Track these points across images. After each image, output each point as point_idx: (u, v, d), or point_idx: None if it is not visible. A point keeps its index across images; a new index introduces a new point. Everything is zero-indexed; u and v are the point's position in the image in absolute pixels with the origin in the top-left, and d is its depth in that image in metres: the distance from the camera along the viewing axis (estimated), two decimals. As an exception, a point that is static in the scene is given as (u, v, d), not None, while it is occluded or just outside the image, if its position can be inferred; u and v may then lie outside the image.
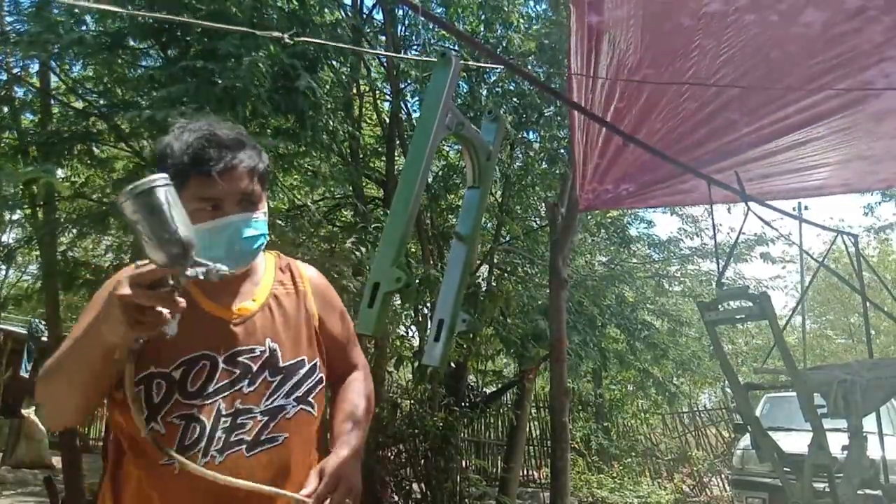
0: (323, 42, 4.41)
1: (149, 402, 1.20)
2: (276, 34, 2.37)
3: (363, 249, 4.66)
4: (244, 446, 1.23)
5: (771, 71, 2.42)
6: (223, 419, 1.23)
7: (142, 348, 1.13)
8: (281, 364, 1.31)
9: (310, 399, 1.34)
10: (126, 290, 0.99)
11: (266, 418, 1.27)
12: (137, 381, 1.17)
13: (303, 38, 3.15)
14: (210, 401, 1.23)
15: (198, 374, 1.23)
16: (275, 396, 1.29)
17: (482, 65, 5.18)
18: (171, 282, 1.01)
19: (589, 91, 2.61)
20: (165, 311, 1.01)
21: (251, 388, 1.27)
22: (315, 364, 1.36)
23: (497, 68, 6.30)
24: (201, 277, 1.03)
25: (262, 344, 1.30)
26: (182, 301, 1.02)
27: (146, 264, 1.02)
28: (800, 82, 2.44)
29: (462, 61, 1.16)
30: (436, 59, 1.11)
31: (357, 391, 1.48)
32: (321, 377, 1.37)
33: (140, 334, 1.03)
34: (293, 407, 1.30)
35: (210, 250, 1.20)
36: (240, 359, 1.27)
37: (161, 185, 0.99)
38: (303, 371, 1.34)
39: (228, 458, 1.21)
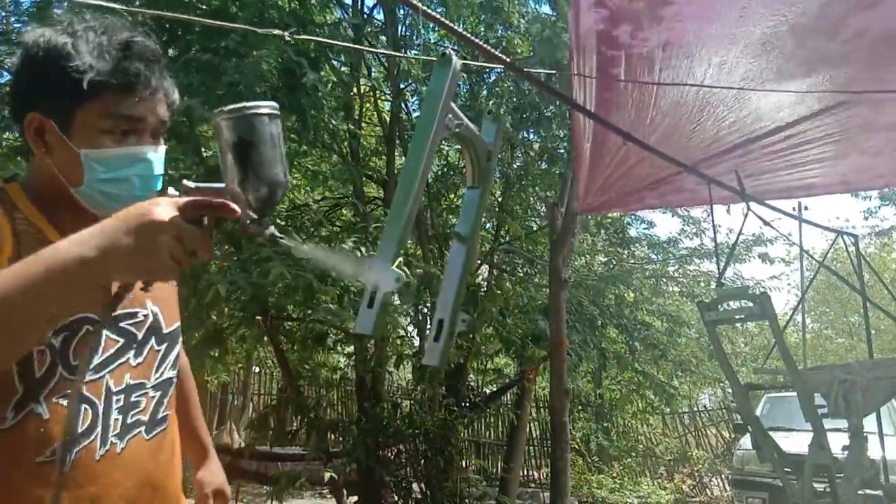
0: (323, 41, 4.41)
1: (28, 377, 0.94)
2: (276, 31, 2.37)
3: (363, 249, 4.65)
4: (143, 428, 1.04)
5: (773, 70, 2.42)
6: (115, 398, 1.02)
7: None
8: (164, 330, 1.11)
9: (177, 369, 1.16)
10: (169, 210, 0.78)
11: (158, 394, 1.09)
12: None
13: (303, 37, 3.15)
14: (97, 375, 1.00)
15: (80, 344, 0.98)
16: (163, 368, 1.10)
17: (483, 64, 5.18)
18: (262, 229, 0.85)
19: (589, 91, 2.61)
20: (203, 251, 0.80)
21: (139, 360, 1.07)
22: (178, 327, 1.17)
23: (497, 68, 6.30)
24: (267, 234, 0.85)
25: (143, 307, 1.09)
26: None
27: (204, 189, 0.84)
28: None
29: (462, 61, 1.16)
30: (436, 59, 1.11)
31: (187, 374, 1.34)
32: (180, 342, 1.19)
33: (155, 276, 0.82)
34: (175, 379, 1.14)
35: (111, 184, 1.00)
36: (122, 324, 1.05)
37: (274, 115, 0.85)
38: (180, 339, 1.16)
39: (130, 444, 1.03)
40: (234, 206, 0.83)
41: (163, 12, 3.88)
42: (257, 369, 12.37)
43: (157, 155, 1.04)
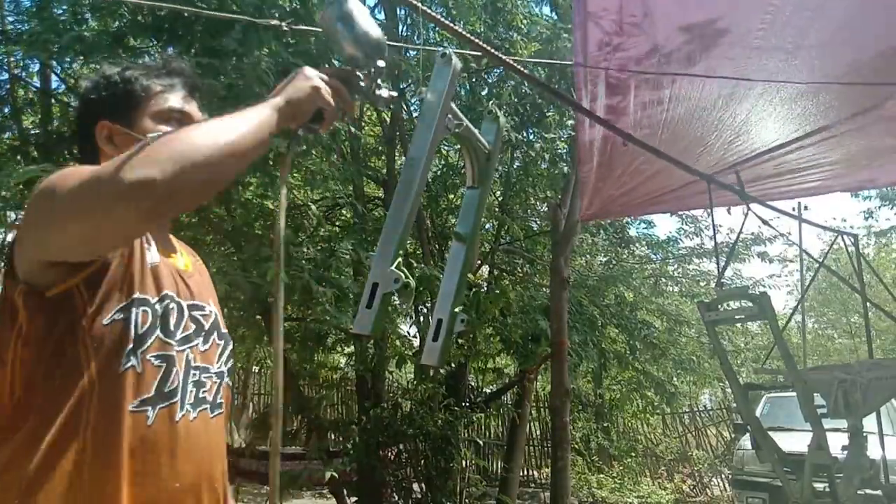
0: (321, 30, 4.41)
1: (133, 331, 1.03)
2: (274, 22, 2.39)
3: (359, 251, 4.66)
4: (208, 406, 1.13)
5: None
6: (192, 372, 1.10)
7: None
8: (222, 329, 1.23)
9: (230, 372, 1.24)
10: (319, 74, 1.10)
11: (218, 381, 1.17)
12: (119, 310, 1.02)
13: (301, 27, 3.16)
14: (181, 347, 1.09)
15: (168, 315, 1.08)
16: (220, 361, 1.20)
17: (480, 53, 5.17)
18: (363, 83, 1.12)
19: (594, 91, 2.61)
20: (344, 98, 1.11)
21: (206, 347, 1.16)
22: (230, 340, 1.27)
23: (497, 68, 6.30)
24: (386, 96, 1.14)
25: (208, 304, 1.21)
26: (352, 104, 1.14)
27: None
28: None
29: (463, 60, 1.16)
30: (436, 59, 1.11)
31: None
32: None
33: (323, 103, 1.10)
34: (227, 375, 1.22)
35: None
36: (195, 313, 1.15)
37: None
38: (231, 343, 1.25)
39: (199, 416, 1.09)
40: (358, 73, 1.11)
41: (161, 3, 3.87)
42: (257, 369, 12.37)
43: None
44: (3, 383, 0.99)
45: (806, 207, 3.87)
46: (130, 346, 1.01)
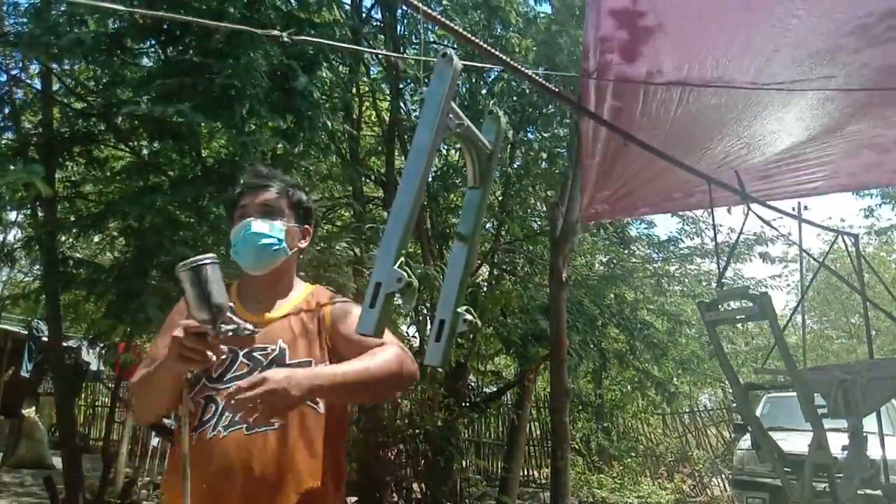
0: (322, 41, 4.40)
1: (189, 383, 1.49)
2: (274, 32, 2.37)
3: (356, 250, 4.65)
4: (244, 426, 1.45)
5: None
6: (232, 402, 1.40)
7: (196, 377, 1.50)
8: (287, 361, 1.52)
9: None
10: (179, 332, 1.35)
11: None
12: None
13: (302, 38, 3.14)
14: (225, 386, 1.48)
15: (220, 365, 1.49)
16: None
17: (482, 65, 5.18)
18: (211, 334, 1.35)
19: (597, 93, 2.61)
20: (209, 353, 1.36)
21: None
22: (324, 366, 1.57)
23: (497, 68, 6.29)
24: (230, 334, 1.41)
25: (274, 344, 1.55)
26: (221, 348, 1.40)
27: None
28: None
29: (462, 61, 1.16)
30: (436, 59, 1.11)
31: (379, 349, 1.55)
32: None
33: (188, 368, 1.40)
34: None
35: (234, 247, 1.62)
36: (254, 354, 1.53)
37: (206, 264, 1.36)
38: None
39: (231, 434, 1.46)
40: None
41: (160, 13, 3.88)
42: (257, 369, 12.34)
43: (255, 223, 1.60)
44: None
45: (806, 207, 3.87)
46: (189, 391, 1.48)
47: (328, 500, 1.51)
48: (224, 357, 1.47)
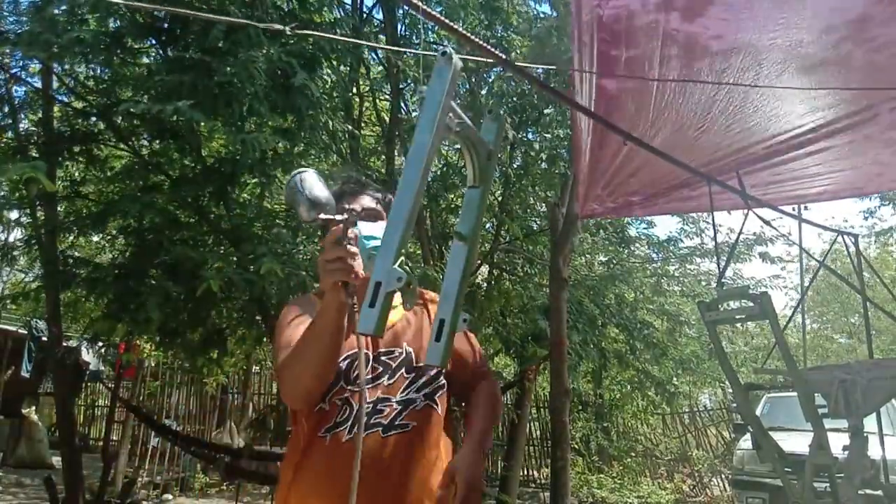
0: (324, 35, 4.39)
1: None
2: (276, 27, 2.38)
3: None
4: (380, 428, 1.53)
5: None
6: (367, 404, 1.52)
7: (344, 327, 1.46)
8: (415, 364, 1.62)
9: (435, 398, 1.63)
10: (325, 255, 1.39)
11: (400, 407, 1.56)
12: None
13: (304, 31, 3.14)
14: (358, 389, 1.52)
15: (354, 368, 1.56)
16: (408, 390, 1.59)
17: (481, 58, 5.17)
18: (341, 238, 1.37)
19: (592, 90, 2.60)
20: (345, 257, 1.36)
21: (390, 382, 1.59)
22: (440, 371, 1.65)
23: (497, 68, 6.29)
24: (339, 217, 1.39)
25: (401, 347, 1.64)
26: (351, 249, 1.38)
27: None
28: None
29: (462, 61, 1.15)
30: (436, 58, 1.10)
31: (484, 394, 1.76)
32: (444, 383, 1.66)
33: (337, 277, 1.38)
34: (421, 401, 1.60)
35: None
36: (383, 358, 1.61)
37: (298, 173, 1.44)
38: (431, 373, 1.64)
39: (367, 436, 1.50)
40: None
41: (160, 6, 3.86)
42: (257, 369, 12.35)
43: (365, 226, 1.60)
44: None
45: (806, 207, 3.87)
46: (325, 393, 1.55)
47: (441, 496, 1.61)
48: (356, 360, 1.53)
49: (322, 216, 1.40)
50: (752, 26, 2.14)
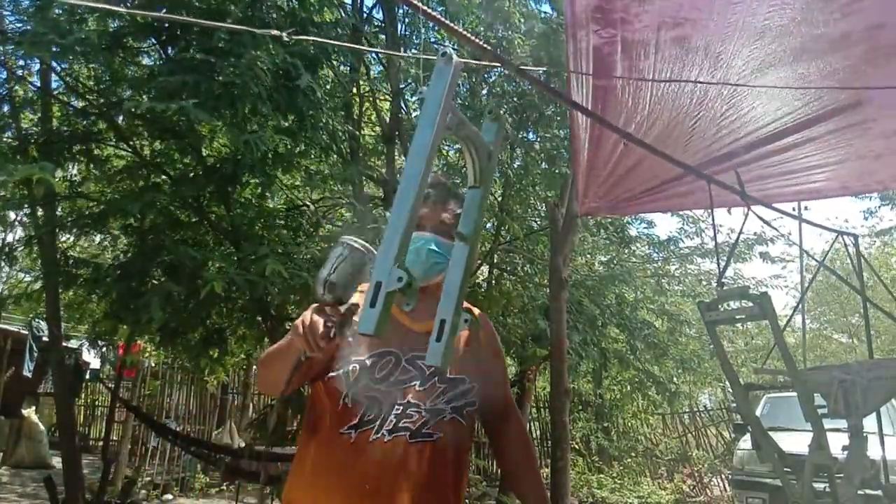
0: (323, 41, 4.40)
1: (346, 378, 1.54)
2: (275, 32, 2.37)
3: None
4: (407, 433, 1.52)
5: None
6: (396, 406, 1.52)
7: (308, 360, 1.45)
8: (448, 375, 1.60)
9: (464, 413, 1.61)
10: (306, 317, 1.35)
11: (428, 416, 1.54)
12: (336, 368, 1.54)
13: (302, 37, 3.14)
14: (390, 388, 1.54)
15: (383, 366, 1.55)
16: (438, 400, 1.57)
17: (483, 63, 5.18)
18: (330, 324, 1.33)
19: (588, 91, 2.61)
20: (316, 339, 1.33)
21: (422, 388, 1.56)
22: (473, 388, 1.64)
23: (497, 68, 6.29)
24: (342, 308, 1.36)
25: None
26: (335, 341, 1.35)
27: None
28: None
29: (463, 61, 1.15)
30: (436, 58, 1.11)
31: (525, 450, 1.80)
32: (475, 401, 1.64)
33: (297, 343, 1.36)
34: (449, 413, 1.58)
35: (408, 256, 1.64)
36: (418, 362, 1.57)
37: (342, 243, 1.39)
38: (463, 387, 1.62)
39: (394, 439, 1.50)
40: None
41: (161, 14, 3.88)
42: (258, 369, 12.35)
43: (425, 236, 1.62)
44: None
45: (806, 207, 3.86)
46: (345, 390, 1.52)
47: None
48: (389, 359, 1.55)
49: (328, 296, 1.39)
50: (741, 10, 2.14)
